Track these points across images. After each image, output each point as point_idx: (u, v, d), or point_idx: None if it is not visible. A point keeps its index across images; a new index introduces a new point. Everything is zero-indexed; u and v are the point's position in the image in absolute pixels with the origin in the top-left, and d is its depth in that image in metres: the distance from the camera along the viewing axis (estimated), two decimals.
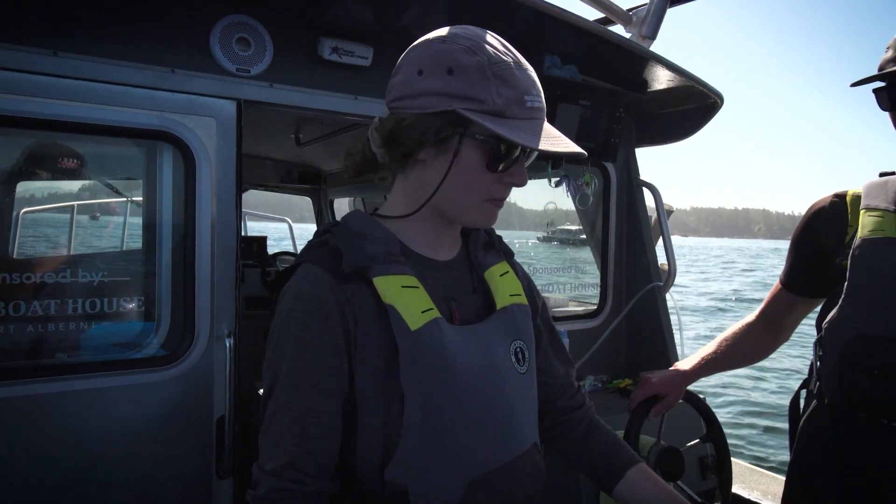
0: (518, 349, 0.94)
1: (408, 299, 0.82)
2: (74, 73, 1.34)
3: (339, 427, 0.82)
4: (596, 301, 2.37)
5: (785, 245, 1.31)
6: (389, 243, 0.86)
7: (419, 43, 0.84)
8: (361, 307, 0.82)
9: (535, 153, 0.84)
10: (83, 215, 2.31)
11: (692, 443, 1.68)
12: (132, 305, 1.55)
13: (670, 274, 2.27)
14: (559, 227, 2.56)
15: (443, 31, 0.83)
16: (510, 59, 0.80)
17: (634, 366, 2.28)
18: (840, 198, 1.27)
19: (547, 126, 0.81)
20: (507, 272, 1.00)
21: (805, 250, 1.33)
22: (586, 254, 2.60)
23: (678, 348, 2.20)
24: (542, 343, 1.06)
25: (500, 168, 0.82)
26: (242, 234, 4.87)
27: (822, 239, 1.29)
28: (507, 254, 1.04)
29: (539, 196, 2.37)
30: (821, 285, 1.29)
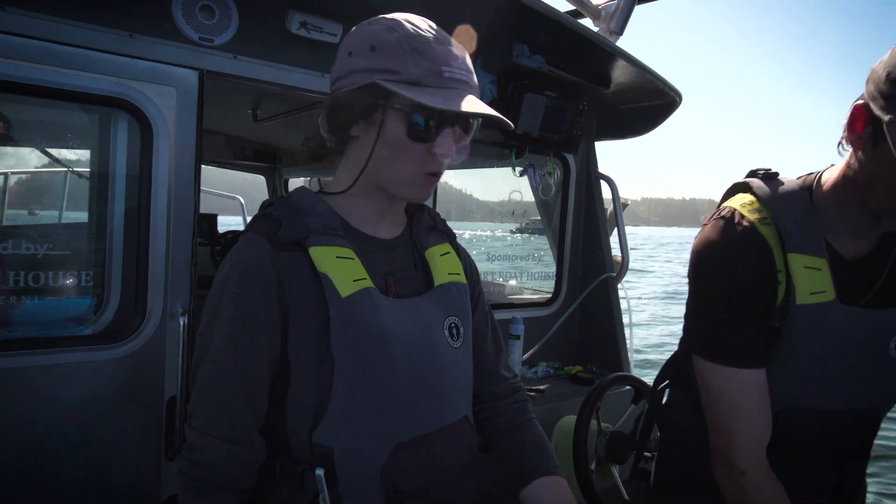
0: (452, 324, 0.96)
1: (341, 268, 0.85)
2: (22, 29, 1.25)
3: (269, 391, 0.85)
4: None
5: None
6: (329, 218, 0.88)
7: (353, 28, 0.89)
8: (297, 275, 0.84)
9: (472, 132, 0.89)
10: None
11: (628, 411, 1.75)
12: (79, 280, 1.48)
13: (623, 265, 2.34)
14: (531, 219, 2.60)
15: (376, 17, 0.88)
16: (430, 35, 0.83)
17: (586, 353, 2.36)
18: (753, 231, 0.98)
19: (472, 98, 0.83)
20: (448, 253, 1.02)
21: (746, 309, 0.99)
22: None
23: (627, 339, 2.28)
24: (479, 328, 1.07)
25: (423, 137, 0.84)
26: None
27: (755, 293, 0.99)
28: (449, 236, 1.07)
29: (506, 188, 2.38)
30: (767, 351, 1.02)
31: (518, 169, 2.20)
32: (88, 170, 1.59)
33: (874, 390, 1.07)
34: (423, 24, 0.85)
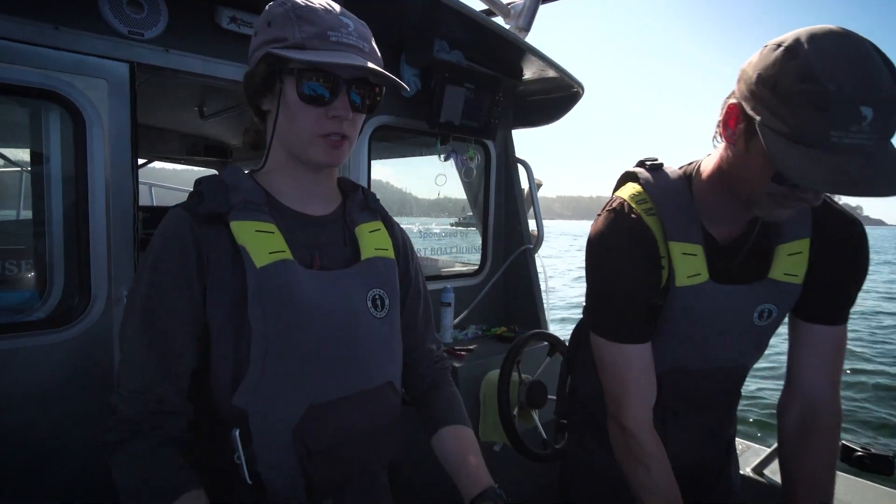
0: (376, 296, 0.94)
1: (259, 241, 0.82)
2: None
3: (193, 354, 0.82)
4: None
5: None
6: (253, 194, 0.86)
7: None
8: (216, 247, 0.82)
9: (377, 98, 0.88)
10: None
11: (545, 362, 1.82)
12: (20, 270, 1.39)
13: (539, 238, 2.41)
14: (468, 214, 2.63)
15: None
16: (318, 5, 0.83)
17: (509, 316, 2.42)
18: (640, 222, 0.99)
19: (360, 59, 0.81)
20: (379, 230, 1.00)
21: (634, 294, 1.01)
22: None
23: (544, 301, 2.35)
24: (412, 305, 1.07)
25: (316, 100, 0.81)
26: (153, 204, 4.42)
27: (642, 280, 1.01)
28: (381, 215, 1.04)
29: (446, 187, 2.38)
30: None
31: (443, 155, 2.21)
32: (29, 166, 1.48)
33: (742, 351, 1.11)
34: (315, 0, 0.83)
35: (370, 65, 0.81)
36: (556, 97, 2.28)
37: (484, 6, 1.98)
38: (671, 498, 0.97)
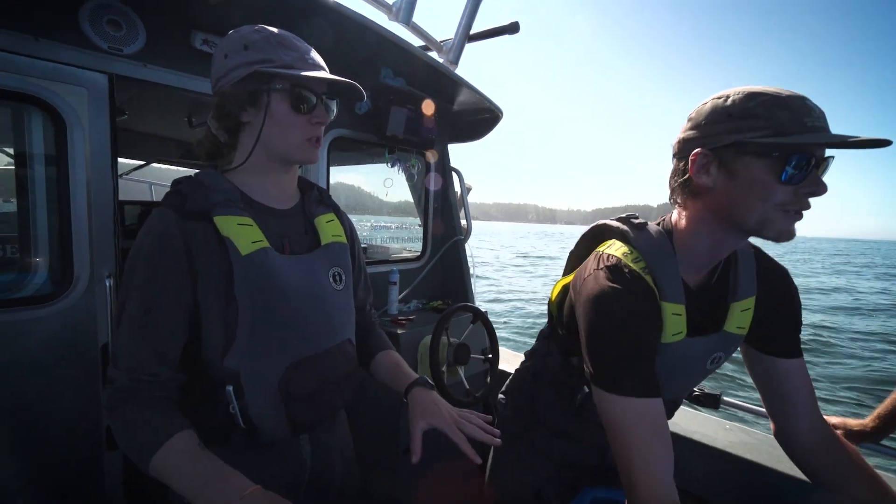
0: (335, 273, 0.95)
1: (242, 233, 0.80)
2: None
3: (185, 333, 0.79)
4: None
5: (547, 228, 1.01)
6: (230, 193, 0.83)
7: (222, 40, 0.83)
8: (203, 239, 0.78)
9: (334, 106, 0.87)
10: None
11: (469, 328, 1.83)
12: (9, 254, 1.26)
13: (468, 231, 2.42)
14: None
15: (235, 29, 0.83)
16: (287, 34, 0.82)
17: (445, 292, 2.43)
18: (642, 279, 0.82)
19: (336, 77, 0.82)
20: (333, 220, 1.00)
21: (646, 345, 0.80)
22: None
23: (472, 281, 2.37)
24: (356, 278, 1.07)
25: (305, 110, 0.82)
26: (153, 199, 4.12)
27: (651, 332, 0.82)
28: (334, 208, 1.04)
29: (390, 187, 2.34)
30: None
31: (390, 163, 2.18)
32: (14, 164, 1.34)
33: (688, 388, 1.00)
34: (276, 30, 0.82)
35: (346, 80, 0.82)
36: (481, 118, 2.29)
37: (422, 42, 1.95)
38: None
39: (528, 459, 1.10)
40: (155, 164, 3.94)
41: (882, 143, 0.67)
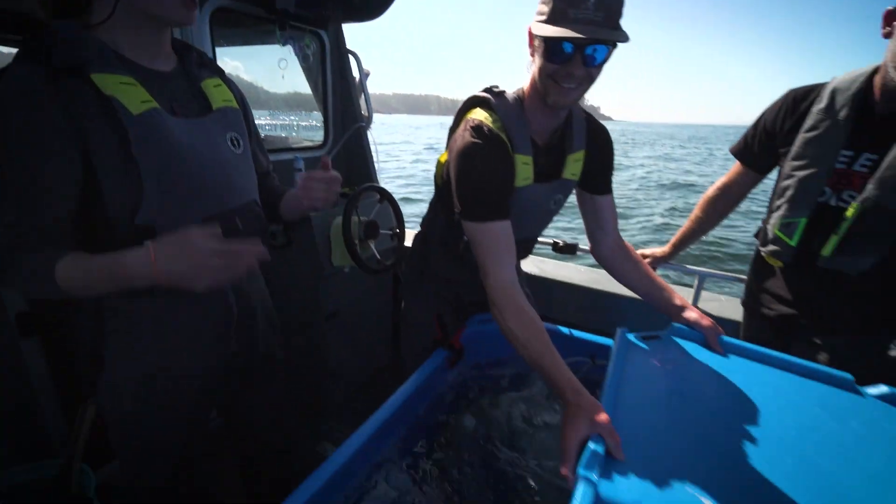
0: (232, 137, 0.93)
1: (127, 92, 0.75)
2: None
3: (71, 199, 0.74)
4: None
5: (449, 120, 1.19)
6: (101, 49, 0.74)
7: None
8: (82, 98, 0.71)
9: None
10: None
11: (376, 207, 1.99)
12: None
13: (369, 117, 2.46)
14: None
15: None
16: None
17: (349, 178, 2.50)
18: (499, 137, 1.02)
19: None
20: (220, 85, 0.96)
21: (500, 185, 1.03)
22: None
23: (376, 165, 2.47)
24: (253, 145, 1.06)
25: None
26: None
27: (505, 176, 1.04)
28: (219, 72, 0.99)
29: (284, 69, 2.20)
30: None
31: (283, 41, 2.07)
32: None
33: (538, 227, 1.25)
34: None
35: None
36: None
37: None
38: (535, 339, 0.90)
39: (429, 300, 1.36)
40: None
41: (618, 41, 0.86)
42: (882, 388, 0.94)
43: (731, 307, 1.85)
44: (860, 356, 1.26)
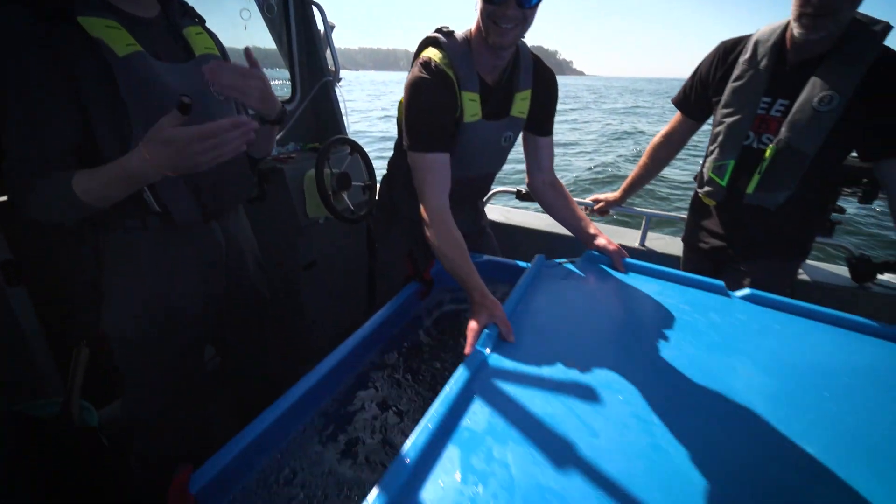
0: None
1: (113, 35, 0.78)
2: None
3: (73, 132, 0.78)
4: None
5: None
6: None
7: None
8: (70, 41, 0.75)
9: None
10: None
11: (347, 159, 2.06)
12: None
13: (336, 72, 2.45)
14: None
15: None
16: None
17: (318, 133, 2.51)
18: (445, 73, 1.10)
19: None
20: (202, 33, 0.98)
21: (439, 119, 1.12)
22: None
23: (345, 119, 2.49)
24: None
25: None
26: None
27: (445, 110, 1.12)
28: (200, 21, 1.01)
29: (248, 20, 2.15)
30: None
31: None
32: None
33: (492, 164, 1.34)
34: None
35: None
36: None
37: None
38: (454, 252, 1.05)
39: (398, 240, 1.46)
40: None
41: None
42: (745, 291, 1.16)
43: (674, 244, 2.05)
44: (775, 279, 1.48)
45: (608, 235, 1.34)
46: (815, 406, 0.74)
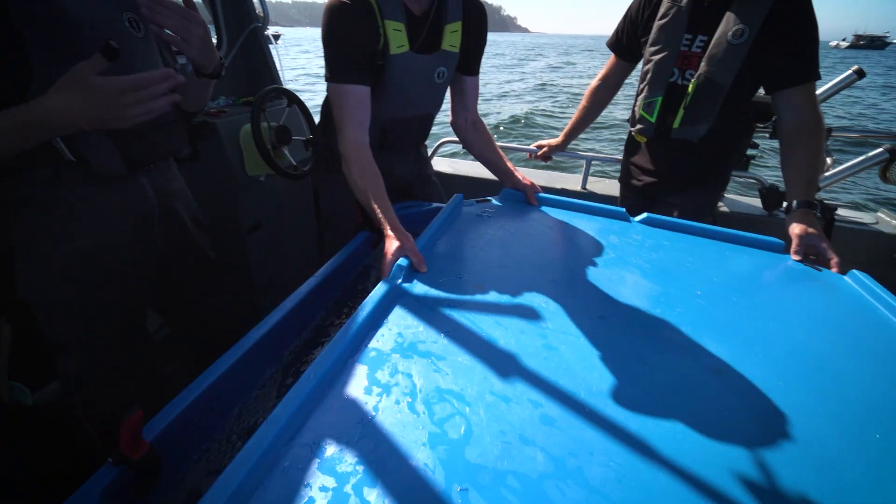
0: (130, 18, 0.90)
1: None
2: None
3: None
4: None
5: None
6: None
7: None
8: None
9: None
10: None
11: (285, 112, 1.95)
12: None
13: (265, 17, 2.29)
14: None
15: None
16: None
17: (252, 87, 2.35)
18: (368, 4, 1.06)
19: None
20: None
21: (357, 50, 1.09)
22: None
23: (278, 67, 2.36)
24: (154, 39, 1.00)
25: None
26: None
27: (363, 41, 1.08)
28: None
29: None
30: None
31: None
32: None
33: (429, 104, 1.30)
34: None
35: None
36: None
37: None
38: (371, 187, 1.05)
39: (342, 189, 1.34)
40: None
41: None
42: (643, 215, 1.29)
43: (613, 186, 2.16)
44: (700, 210, 1.61)
45: (552, 180, 1.39)
46: (686, 301, 0.88)
